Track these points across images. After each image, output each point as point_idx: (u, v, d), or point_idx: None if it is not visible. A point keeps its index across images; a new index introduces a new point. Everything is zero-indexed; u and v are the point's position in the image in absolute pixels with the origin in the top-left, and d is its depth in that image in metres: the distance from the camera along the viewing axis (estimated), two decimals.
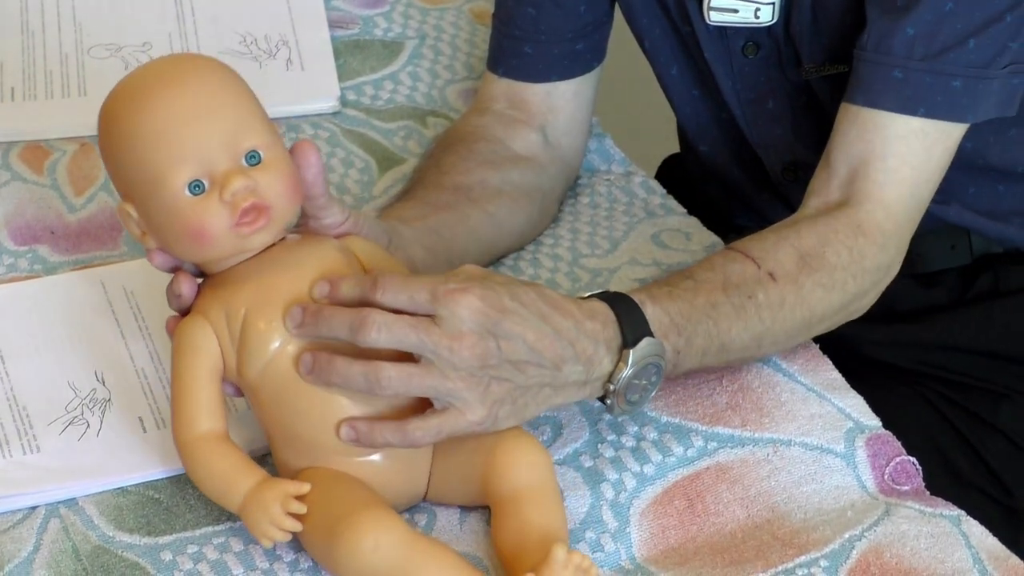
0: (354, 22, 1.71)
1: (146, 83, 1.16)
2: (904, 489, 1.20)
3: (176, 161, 1.13)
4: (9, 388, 1.28)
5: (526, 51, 1.47)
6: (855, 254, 1.27)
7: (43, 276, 1.39)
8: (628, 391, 1.18)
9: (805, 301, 1.25)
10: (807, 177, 1.49)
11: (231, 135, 1.13)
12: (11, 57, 1.63)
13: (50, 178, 1.50)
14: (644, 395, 1.19)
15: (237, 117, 1.14)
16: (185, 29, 1.67)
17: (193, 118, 1.13)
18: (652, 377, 1.19)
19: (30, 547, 1.17)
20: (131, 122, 1.14)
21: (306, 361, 1.12)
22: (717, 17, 1.40)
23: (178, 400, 1.15)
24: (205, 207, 1.13)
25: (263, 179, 1.13)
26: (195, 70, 1.16)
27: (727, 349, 1.23)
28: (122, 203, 1.17)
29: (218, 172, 1.13)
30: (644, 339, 1.17)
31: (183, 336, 1.15)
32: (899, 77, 1.27)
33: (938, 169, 1.30)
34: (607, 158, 1.54)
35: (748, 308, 1.23)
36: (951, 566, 1.14)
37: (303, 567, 1.15)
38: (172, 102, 1.14)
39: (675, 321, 1.20)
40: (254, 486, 1.12)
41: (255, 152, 1.14)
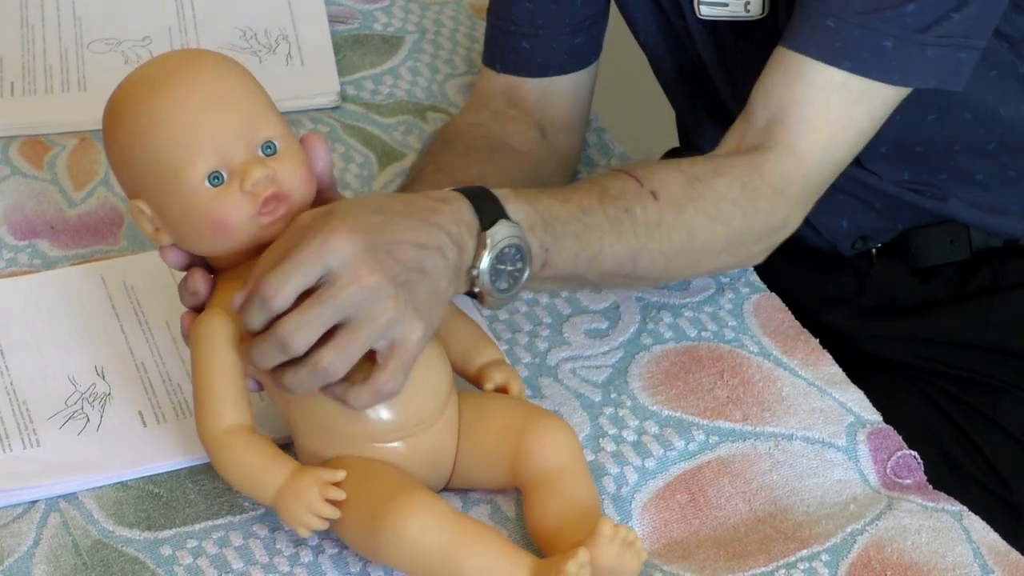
0: (354, 17, 1.71)
1: (157, 76, 1.15)
2: (906, 483, 1.21)
3: (194, 153, 1.12)
4: (9, 382, 1.28)
5: (523, 46, 1.47)
6: (748, 190, 1.25)
7: (43, 271, 1.39)
8: (494, 278, 1.15)
9: (686, 225, 1.22)
10: None
11: (247, 125, 1.13)
12: (11, 52, 1.64)
13: (50, 173, 1.50)
14: (513, 283, 1.16)
15: (252, 108, 1.14)
16: (185, 24, 1.68)
17: (209, 109, 1.13)
18: (518, 263, 1.15)
19: (30, 541, 1.17)
20: (144, 115, 1.14)
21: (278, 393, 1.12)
22: (707, 11, 1.40)
23: (202, 394, 1.13)
24: (225, 198, 1.13)
25: (281, 168, 1.13)
26: (205, 63, 1.16)
27: (599, 260, 1.20)
28: (133, 201, 1.16)
29: (236, 163, 1.13)
30: (499, 221, 1.15)
31: (203, 330, 1.14)
32: (830, 26, 1.26)
33: (857, 131, 1.28)
34: (606, 152, 1.54)
35: (623, 220, 1.21)
36: (951, 561, 1.14)
37: (303, 561, 1.15)
38: (186, 94, 1.13)
39: (541, 216, 1.18)
40: (288, 476, 1.11)
41: (271, 142, 1.14)
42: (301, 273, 1.08)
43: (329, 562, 1.15)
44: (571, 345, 1.32)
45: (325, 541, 1.16)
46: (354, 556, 1.15)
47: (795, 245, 1.57)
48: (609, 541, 1.08)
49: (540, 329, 1.33)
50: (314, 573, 1.14)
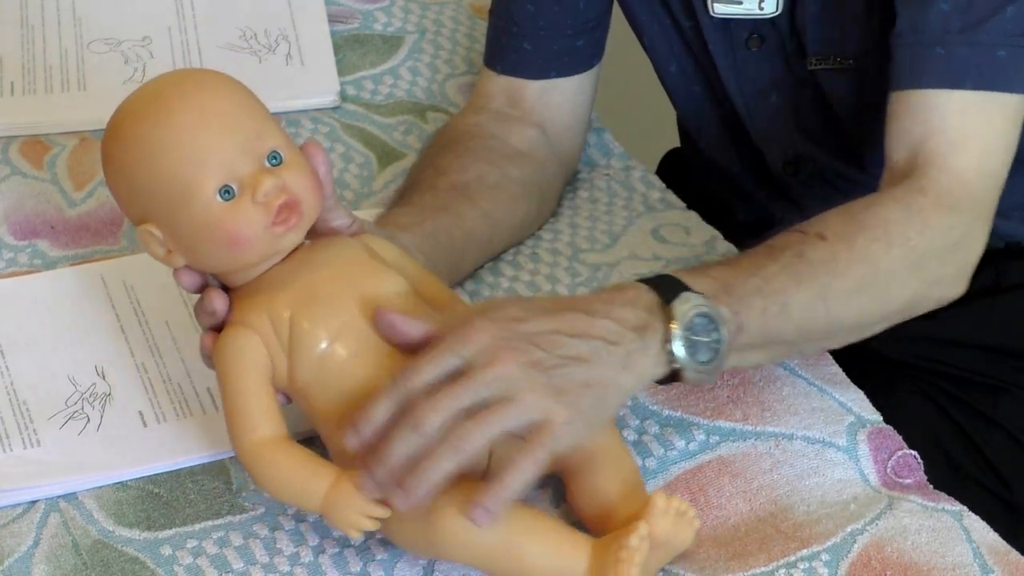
0: (354, 17, 1.71)
1: (155, 99, 1.15)
2: (907, 483, 1.20)
3: (203, 169, 1.12)
4: (9, 383, 1.28)
5: (525, 47, 1.46)
6: (913, 210, 1.22)
7: (43, 271, 1.40)
8: (692, 350, 1.13)
9: (862, 256, 1.20)
10: (808, 171, 1.49)
11: (252, 138, 1.13)
12: (10, 52, 1.64)
13: (50, 173, 1.50)
14: (714, 354, 1.13)
15: (254, 120, 1.14)
16: (185, 24, 1.67)
17: (213, 125, 1.13)
18: (712, 333, 1.13)
19: (30, 541, 1.17)
20: (148, 138, 1.13)
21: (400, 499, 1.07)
22: (721, 9, 1.40)
23: (234, 409, 1.13)
24: (239, 211, 1.12)
25: (289, 177, 1.13)
26: (203, 81, 1.16)
27: (790, 311, 1.17)
28: (142, 226, 1.15)
29: (245, 175, 1.12)
30: (682, 294, 1.13)
31: (228, 346, 1.13)
32: (941, 53, 1.25)
33: (1005, 141, 1.27)
34: (606, 152, 1.54)
35: (799, 266, 1.18)
36: (951, 560, 1.14)
37: (304, 561, 1.15)
38: (189, 113, 1.13)
39: (720, 283, 1.16)
40: (333, 481, 1.10)
41: (276, 152, 1.13)
42: (436, 365, 1.07)
43: (329, 562, 1.15)
44: None
45: (326, 541, 1.16)
46: (354, 556, 1.15)
47: None
48: (663, 513, 1.08)
49: None
50: (314, 573, 1.14)
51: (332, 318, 1.13)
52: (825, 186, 1.50)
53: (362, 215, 1.41)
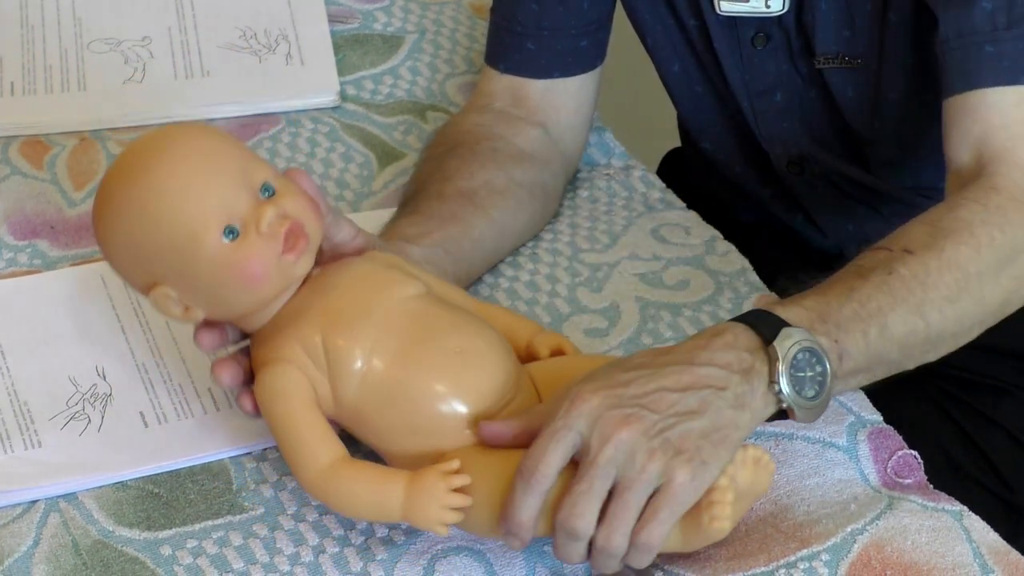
0: (354, 17, 1.71)
1: (139, 161, 1.15)
2: (907, 482, 1.20)
3: (204, 215, 1.12)
4: (10, 383, 1.28)
5: (528, 47, 1.47)
6: (991, 208, 1.21)
7: (43, 271, 1.40)
8: (799, 387, 1.12)
9: (952, 262, 1.19)
10: (812, 170, 1.49)
11: (243, 175, 1.13)
12: (11, 52, 1.64)
13: (50, 173, 1.50)
14: (820, 389, 1.13)
15: (239, 159, 1.14)
16: (184, 23, 1.67)
17: (201, 171, 1.13)
18: (816, 367, 1.13)
19: (30, 541, 1.17)
20: (141, 199, 1.13)
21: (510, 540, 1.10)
22: (728, 7, 1.40)
23: (291, 446, 1.13)
24: (247, 247, 1.12)
25: (286, 204, 1.13)
26: (178, 134, 1.16)
27: (889, 331, 1.17)
28: (154, 290, 1.15)
29: (245, 212, 1.12)
30: (783, 330, 1.13)
31: (268, 386, 1.13)
32: (992, 51, 1.25)
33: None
34: (607, 152, 1.54)
35: (892, 284, 1.17)
36: (951, 560, 1.14)
37: (304, 560, 1.15)
38: (175, 164, 1.13)
39: (816, 313, 1.15)
40: (407, 483, 1.10)
41: (267, 184, 1.14)
42: (558, 445, 1.08)
43: (330, 561, 1.15)
44: None
45: (326, 540, 1.16)
46: (355, 555, 1.15)
47: (800, 246, 1.57)
48: (743, 463, 1.09)
49: None
50: (315, 572, 1.14)
51: (364, 332, 1.13)
52: (829, 186, 1.51)
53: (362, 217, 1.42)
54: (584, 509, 1.07)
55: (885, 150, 1.47)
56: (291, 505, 1.19)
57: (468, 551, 1.15)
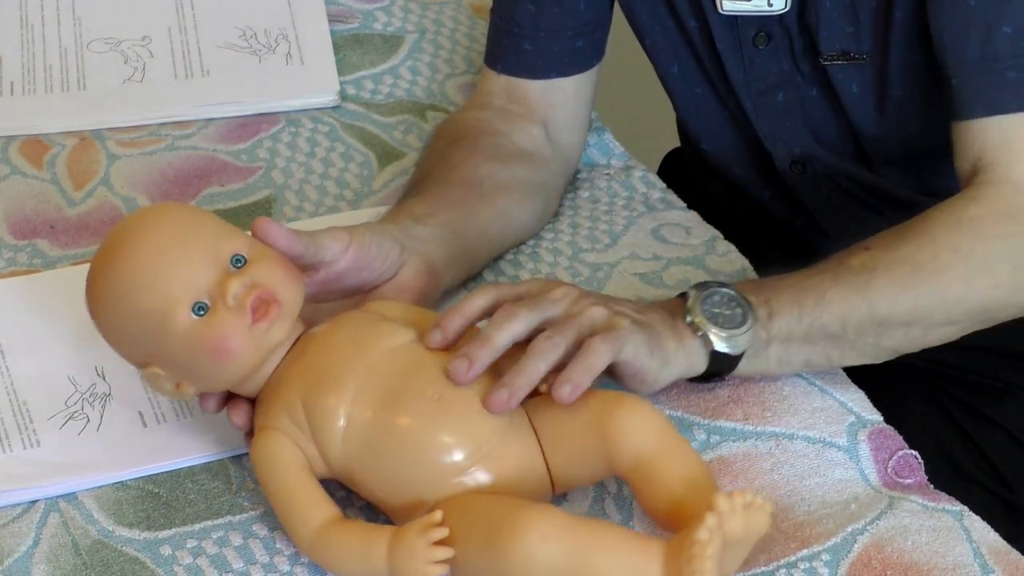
0: (354, 16, 1.71)
1: (118, 240, 1.16)
2: (907, 482, 1.20)
3: (171, 294, 1.13)
4: (9, 383, 1.28)
5: (525, 48, 1.47)
6: (964, 220, 1.24)
7: (43, 270, 1.40)
8: (714, 319, 1.19)
9: (903, 260, 1.22)
10: (814, 170, 1.49)
11: (211, 250, 1.14)
12: (10, 51, 1.64)
13: (49, 172, 1.51)
14: (744, 321, 1.19)
15: (209, 232, 1.15)
16: (184, 23, 1.68)
17: (167, 249, 1.14)
18: (736, 308, 1.20)
19: (30, 541, 1.17)
20: (115, 286, 1.15)
21: (500, 398, 1.12)
22: (730, 6, 1.40)
23: (283, 511, 1.13)
24: (217, 322, 1.12)
25: (257, 274, 1.13)
26: (154, 213, 1.18)
27: (826, 302, 1.21)
28: (145, 370, 1.17)
29: (212, 286, 1.13)
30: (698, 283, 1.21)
31: (259, 453, 1.14)
32: (1013, 77, 1.26)
33: None
34: (607, 152, 1.54)
35: (837, 270, 1.23)
36: (952, 560, 1.14)
37: (303, 560, 1.15)
38: (148, 243, 1.14)
39: (748, 285, 1.22)
40: (390, 540, 1.10)
41: (238, 256, 1.14)
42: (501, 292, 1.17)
43: None
44: None
45: None
46: None
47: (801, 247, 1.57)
48: (731, 513, 1.06)
49: None
50: (315, 572, 1.14)
51: (341, 390, 1.13)
52: (831, 185, 1.50)
53: (363, 215, 1.41)
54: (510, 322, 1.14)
55: (889, 148, 1.47)
56: None
57: None
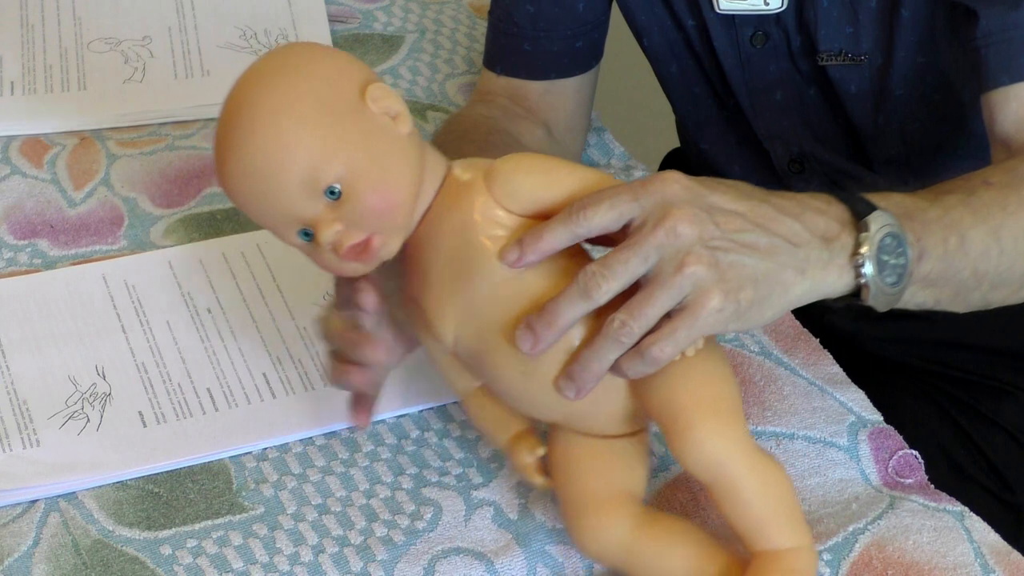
0: (354, 16, 1.72)
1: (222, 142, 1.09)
2: (908, 482, 1.21)
3: (277, 224, 1.09)
4: (9, 382, 1.28)
5: (524, 48, 1.47)
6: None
7: (43, 270, 1.40)
8: (881, 269, 1.08)
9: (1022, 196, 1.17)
10: (812, 169, 1.49)
11: (306, 180, 1.07)
12: (11, 51, 1.64)
13: (50, 172, 1.51)
14: (898, 278, 1.09)
15: (306, 157, 1.07)
16: (185, 23, 1.68)
17: (265, 179, 1.07)
18: (900, 257, 1.08)
19: (30, 541, 1.17)
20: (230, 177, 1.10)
21: (566, 391, 1.05)
22: (726, 5, 1.40)
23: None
24: (321, 252, 1.09)
25: (350, 213, 1.08)
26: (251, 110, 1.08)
27: (966, 246, 1.13)
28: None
29: (312, 219, 1.08)
30: (875, 211, 1.08)
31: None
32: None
33: None
34: (607, 152, 1.55)
35: (972, 203, 1.14)
36: (952, 560, 1.14)
37: (304, 560, 1.15)
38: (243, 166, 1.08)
39: (903, 207, 1.11)
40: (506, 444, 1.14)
41: (332, 188, 1.07)
42: (612, 200, 1.03)
43: (329, 561, 1.15)
44: None
45: (325, 540, 1.17)
46: (355, 555, 1.15)
47: None
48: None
49: None
50: (314, 572, 1.14)
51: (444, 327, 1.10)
52: (830, 185, 1.51)
53: None
54: (614, 272, 1.01)
55: (888, 147, 1.47)
56: (291, 505, 1.19)
57: (468, 552, 1.15)
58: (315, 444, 1.24)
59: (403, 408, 1.26)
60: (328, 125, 1.07)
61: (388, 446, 1.24)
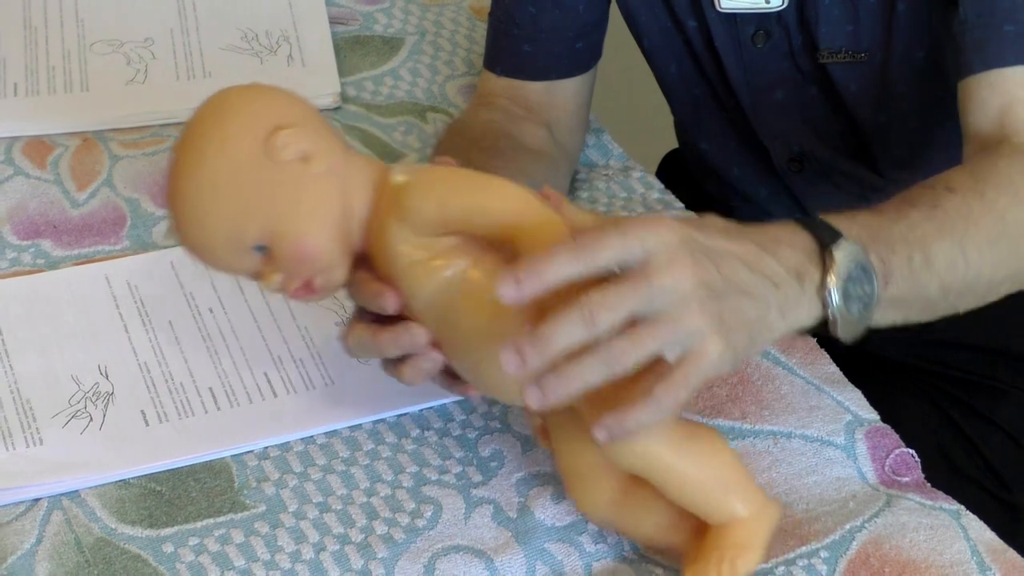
0: (354, 18, 1.72)
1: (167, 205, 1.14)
2: (905, 480, 1.21)
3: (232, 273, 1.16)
4: (13, 381, 1.28)
5: (525, 49, 1.47)
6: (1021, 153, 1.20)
7: (46, 270, 1.40)
8: (848, 302, 1.08)
9: (993, 208, 1.16)
10: (812, 167, 1.49)
11: (232, 245, 1.11)
12: (14, 53, 1.64)
13: (53, 173, 1.51)
14: (864, 308, 1.09)
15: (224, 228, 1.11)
16: (187, 25, 1.68)
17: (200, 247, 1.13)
18: (866, 286, 1.08)
19: (33, 539, 1.17)
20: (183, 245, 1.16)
21: (510, 360, 1.00)
22: (728, 3, 1.40)
23: None
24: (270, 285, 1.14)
25: (281, 264, 1.12)
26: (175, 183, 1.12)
27: (932, 262, 1.13)
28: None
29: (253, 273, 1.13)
30: (840, 239, 1.08)
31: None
32: (1011, 30, 1.25)
33: None
34: (605, 153, 1.55)
35: (936, 216, 1.14)
36: (949, 558, 1.14)
37: (305, 558, 1.15)
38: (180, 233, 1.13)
39: (868, 230, 1.11)
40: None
41: (258, 245, 1.11)
42: (620, 242, 1.00)
43: (330, 559, 1.15)
44: None
45: (326, 537, 1.17)
46: (355, 552, 1.16)
47: None
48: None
49: None
50: (315, 570, 1.15)
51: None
52: (829, 184, 1.51)
53: None
54: (615, 303, 0.99)
55: (889, 144, 1.47)
56: (292, 503, 1.19)
57: (468, 550, 1.15)
58: (316, 443, 1.24)
59: (404, 407, 1.26)
60: (238, 192, 1.10)
61: (389, 445, 1.24)
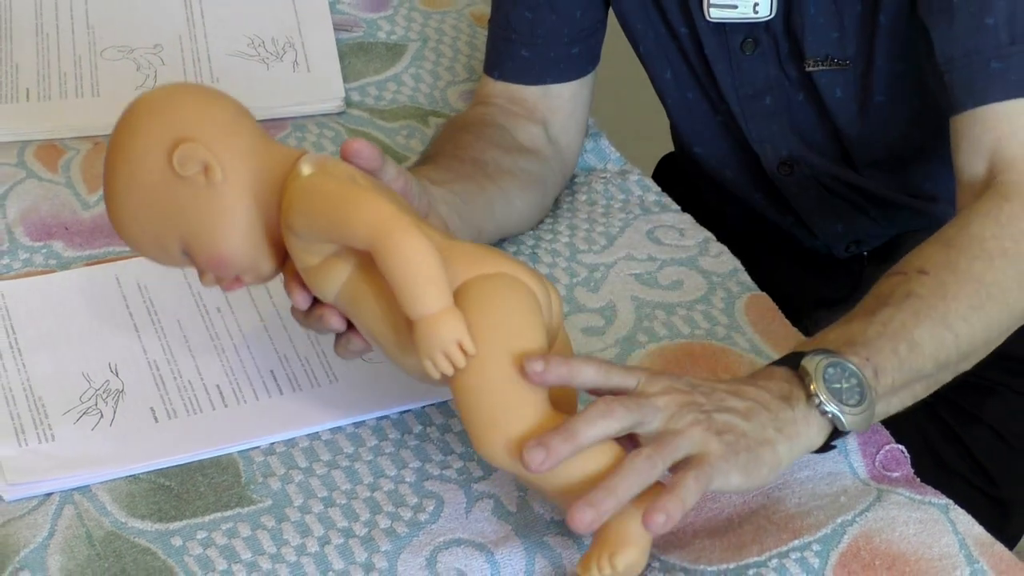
0: (358, 25, 1.72)
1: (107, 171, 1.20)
2: (895, 476, 1.21)
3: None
4: (25, 379, 1.28)
5: (522, 54, 1.47)
6: (1003, 220, 1.22)
7: (58, 271, 1.40)
8: (838, 397, 1.13)
9: (968, 275, 1.19)
10: (801, 172, 1.50)
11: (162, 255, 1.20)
12: (26, 59, 1.64)
13: (64, 176, 1.51)
14: (862, 396, 1.13)
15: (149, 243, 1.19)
16: (195, 32, 1.68)
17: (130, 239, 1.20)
18: (850, 379, 1.13)
19: (45, 533, 1.17)
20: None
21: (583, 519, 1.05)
22: (717, 13, 1.40)
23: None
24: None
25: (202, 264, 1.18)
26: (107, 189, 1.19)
27: (919, 347, 1.16)
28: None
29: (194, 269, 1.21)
30: (806, 355, 1.14)
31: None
32: (999, 67, 1.26)
33: None
34: (603, 157, 1.55)
35: (912, 303, 1.17)
36: (938, 551, 1.14)
37: (310, 551, 1.15)
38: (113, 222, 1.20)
39: (841, 340, 1.16)
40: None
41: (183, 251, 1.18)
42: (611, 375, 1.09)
43: (335, 552, 1.15)
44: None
45: (331, 531, 1.17)
46: (359, 546, 1.16)
47: (791, 246, 1.58)
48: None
49: None
50: (320, 562, 1.15)
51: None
52: (818, 187, 1.51)
53: None
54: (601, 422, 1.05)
55: (871, 151, 1.47)
56: (298, 498, 1.19)
57: (469, 543, 1.16)
58: (321, 439, 1.24)
59: (406, 404, 1.26)
60: (150, 211, 1.17)
61: (391, 441, 1.24)
